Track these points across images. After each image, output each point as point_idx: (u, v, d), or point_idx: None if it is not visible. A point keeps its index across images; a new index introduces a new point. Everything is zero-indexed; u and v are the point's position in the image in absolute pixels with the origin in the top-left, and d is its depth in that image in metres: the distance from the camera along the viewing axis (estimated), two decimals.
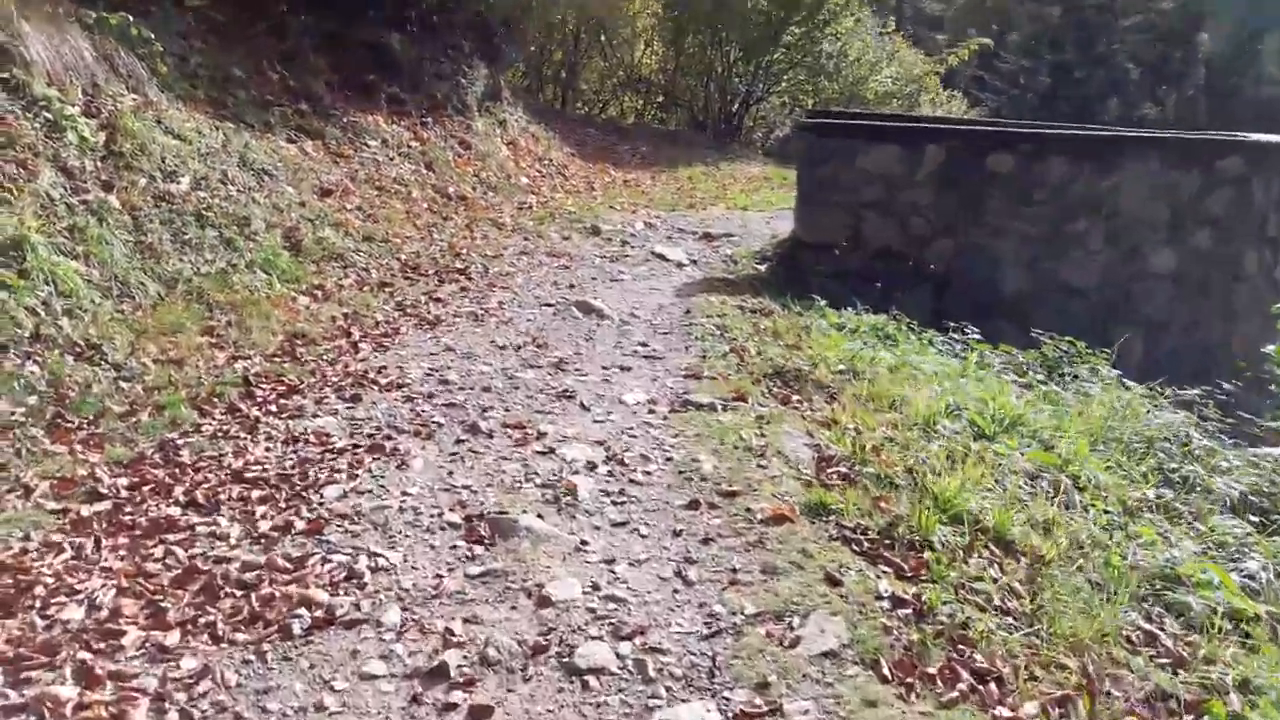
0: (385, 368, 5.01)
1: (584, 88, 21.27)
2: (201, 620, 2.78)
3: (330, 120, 9.39)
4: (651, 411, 4.53)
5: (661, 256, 8.33)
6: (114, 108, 6.36)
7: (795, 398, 4.77)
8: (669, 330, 6.05)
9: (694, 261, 8.31)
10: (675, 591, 3.03)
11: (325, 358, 5.11)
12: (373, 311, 6.06)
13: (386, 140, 9.81)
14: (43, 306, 4.58)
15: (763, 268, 8.35)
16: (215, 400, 4.33)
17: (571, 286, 7.15)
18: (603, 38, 19.71)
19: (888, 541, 3.37)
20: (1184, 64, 33.72)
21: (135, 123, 6.36)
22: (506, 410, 4.48)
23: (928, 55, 20.71)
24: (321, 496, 3.52)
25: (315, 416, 4.26)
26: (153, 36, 7.28)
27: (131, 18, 7.13)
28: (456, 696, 2.52)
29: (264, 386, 4.57)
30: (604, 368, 5.23)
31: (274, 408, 4.30)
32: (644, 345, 5.68)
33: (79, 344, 4.48)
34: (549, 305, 6.54)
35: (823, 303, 6.72)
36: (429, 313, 6.18)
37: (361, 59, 10.75)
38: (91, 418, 3.99)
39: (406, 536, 3.30)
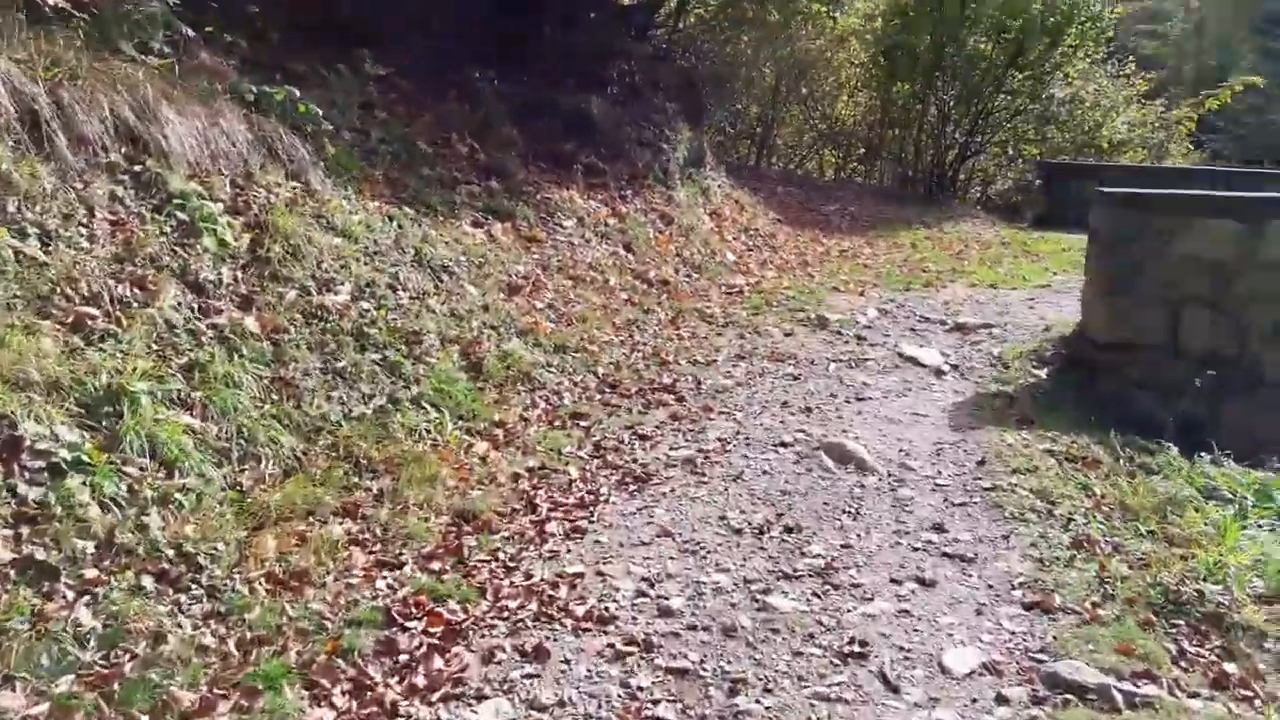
0: (581, 578, 3.41)
1: (778, 141, 19.64)
2: None
3: (521, 198, 8.08)
4: (1002, 701, 2.73)
5: (913, 360, 6.49)
6: (267, 200, 5.13)
7: (1230, 670, 2.86)
8: (965, 497, 4.23)
9: (954, 367, 6.42)
10: None
11: (501, 556, 3.57)
12: (564, 462, 4.52)
13: (582, 218, 8.41)
14: (127, 493, 3.24)
15: (1043, 373, 6.37)
16: (339, 663, 2.82)
17: (808, 411, 5.43)
18: (804, 89, 18.04)
19: None
20: None
21: (290, 219, 5.11)
22: (767, 691, 2.77)
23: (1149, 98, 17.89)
24: None
25: (480, 699, 2.68)
26: (319, 112, 6.10)
27: (298, 92, 5.97)
28: None
29: (412, 626, 3.04)
30: (893, 580, 3.46)
31: (421, 678, 2.76)
32: (939, 530, 3.89)
33: (166, 553, 3.10)
34: (786, 445, 4.84)
35: (1172, 450, 4.71)
36: (635, 460, 4.60)
37: (557, 127, 9.48)
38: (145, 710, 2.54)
39: None
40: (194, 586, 3.02)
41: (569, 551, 3.63)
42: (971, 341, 7.01)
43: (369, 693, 2.69)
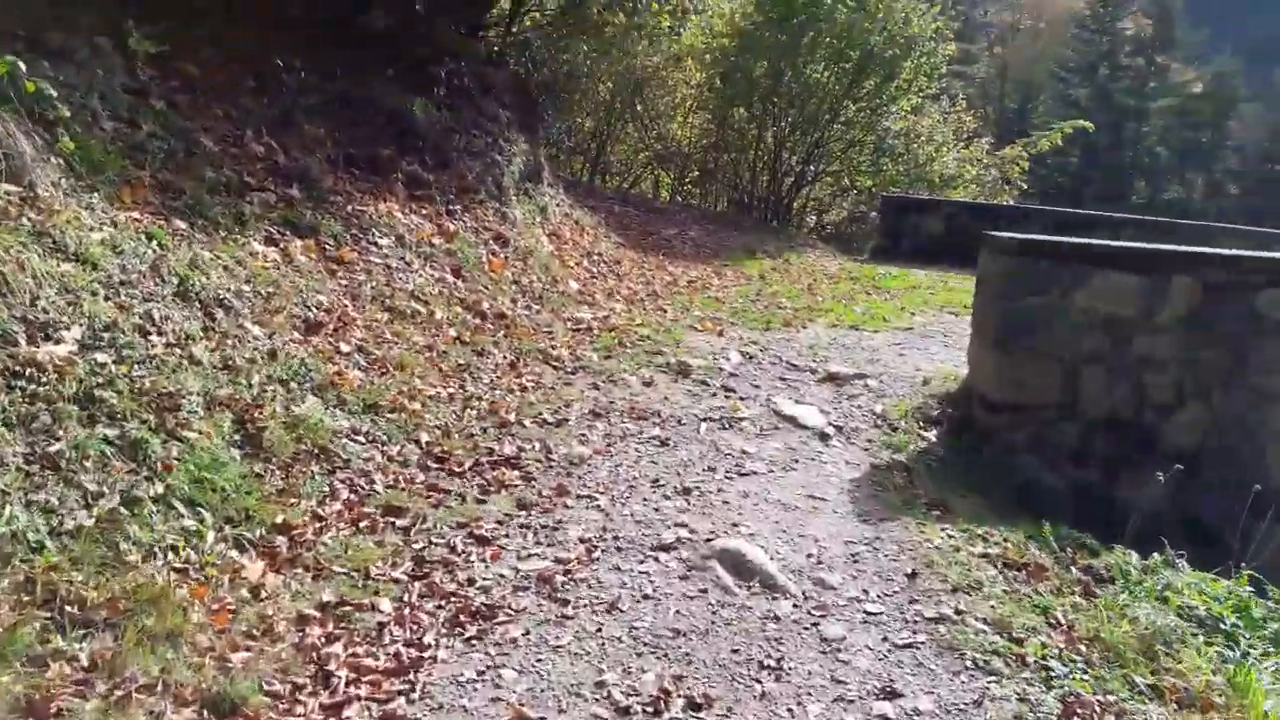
0: None
1: (612, 159, 18.69)
2: None
3: (328, 210, 6.66)
4: None
5: (792, 420, 5.52)
6: None
7: None
8: (909, 634, 3.22)
9: (838, 429, 5.49)
10: None
11: None
12: (373, 591, 3.21)
13: (402, 236, 7.04)
14: None
15: (932, 436, 5.55)
16: None
17: (687, 493, 4.33)
18: (639, 107, 17.14)
19: None
20: (1213, 148, 31.40)
21: None
22: None
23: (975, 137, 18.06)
24: None
25: None
26: (54, 94, 4.53)
27: (22, 64, 4.37)
28: None
29: None
30: None
31: None
32: (891, 695, 2.86)
33: None
34: (667, 549, 3.72)
35: (1130, 557, 3.91)
36: (472, 582, 3.35)
37: (375, 128, 8.08)
38: None
39: None
40: None
41: None
42: (848, 395, 6.12)
43: None
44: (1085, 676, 2.94)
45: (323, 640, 2.88)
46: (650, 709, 2.68)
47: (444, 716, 2.58)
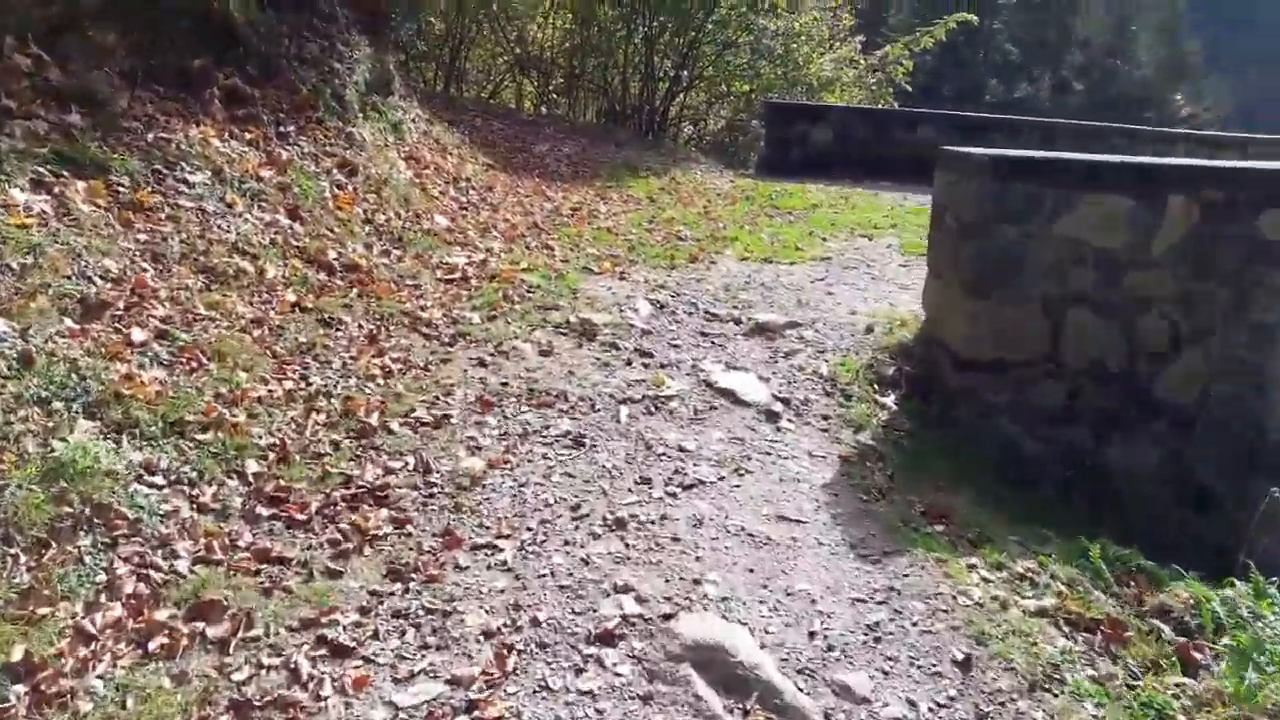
0: None
1: (468, 66, 16.80)
2: None
3: (122, 140, 5.08)
4: None
5: (730, 395, 4.39)
6: None
7: None
8: None
9: (784, 401, 4.40)
10: None
11: None
12: None
13: (221, 170, 5.46)
14: None
15: (892, 401, 4.55)
16: None
17: (621, 526, 3.18)
18: (495, 6, 15.27)
19: None
20: (1060, 44, 31.44)
21: None
22: None
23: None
24: None
25: None
26: None
27: None
28: None
29: None
30: None
31: None
32: None
33: None
34: (610, 643, 2.56)
35: (1214, 603, 2.93)
36: None
37: (182, 33, 6.34)
38: None
39: None
40: None
41: None
42: (784, 353, 5.02)
43: None
44: None
45: None
46: None
47: None
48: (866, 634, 2.66)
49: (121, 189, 4.82)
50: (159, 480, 3.05)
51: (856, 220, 8.48)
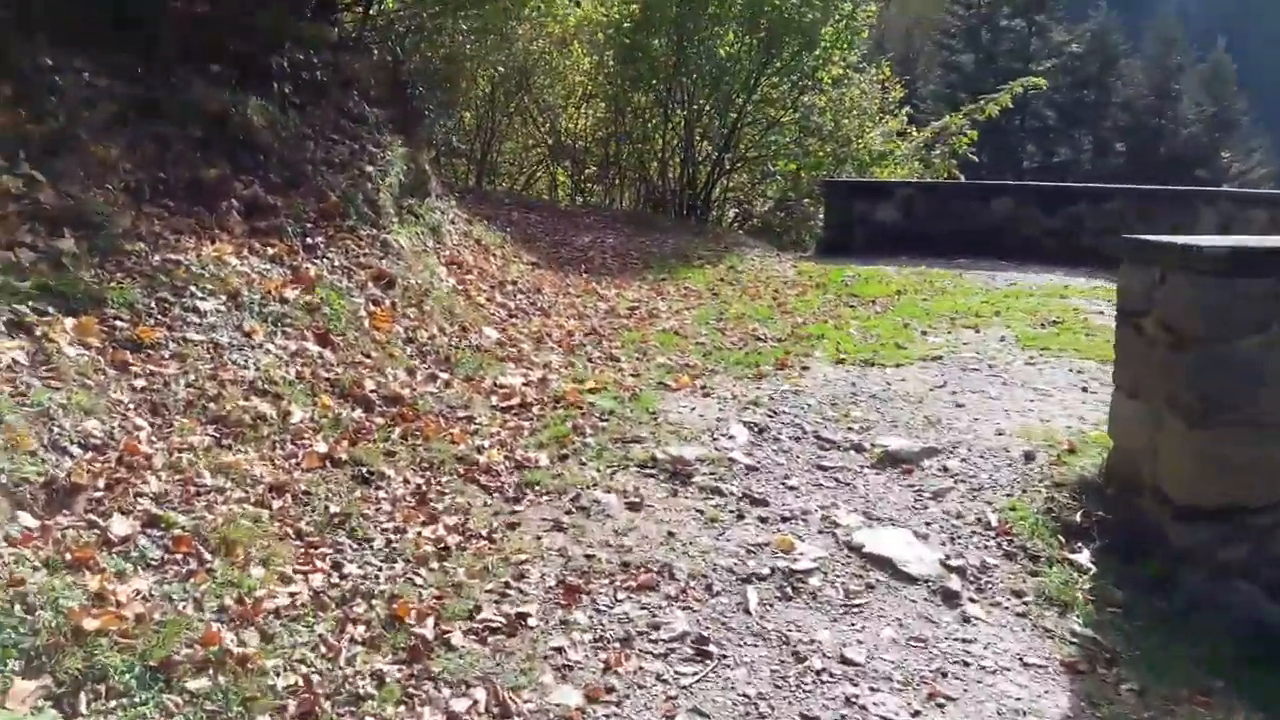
0: None
1: (498, 158, 16.26)
2: None
3: (122, 265, 4.34)
4: None
5: (886, 566, 3.40)
6: None
7: None
8: None
9: (958, 571, 3.40)
10: None
11: None
12: None
13: (238, 293, 4.66)
14: None
15: (1086, 558, 3.52)
16: None
17: None
18: (525, 98, 14.77)
19: None
20: (1098, 105, 30.78)
21: None
22: None
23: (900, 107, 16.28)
24: None
25: None
26: None
27: None
28: None
29: None
30: None
31: None
32: None
33: None
34: None
35: None
36: None
37: (195, 142, 5.69)
38: None
39: None
40: None
41: None
42: (931, 494, 4.03)
43: None
44: None
45: None
46: None
47: None
48: None
49: (119, 324, 4.02)
50: None
51: (952, 308, 7.53)
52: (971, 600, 3.23)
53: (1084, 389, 5.40)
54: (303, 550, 3.12)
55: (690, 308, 7.69)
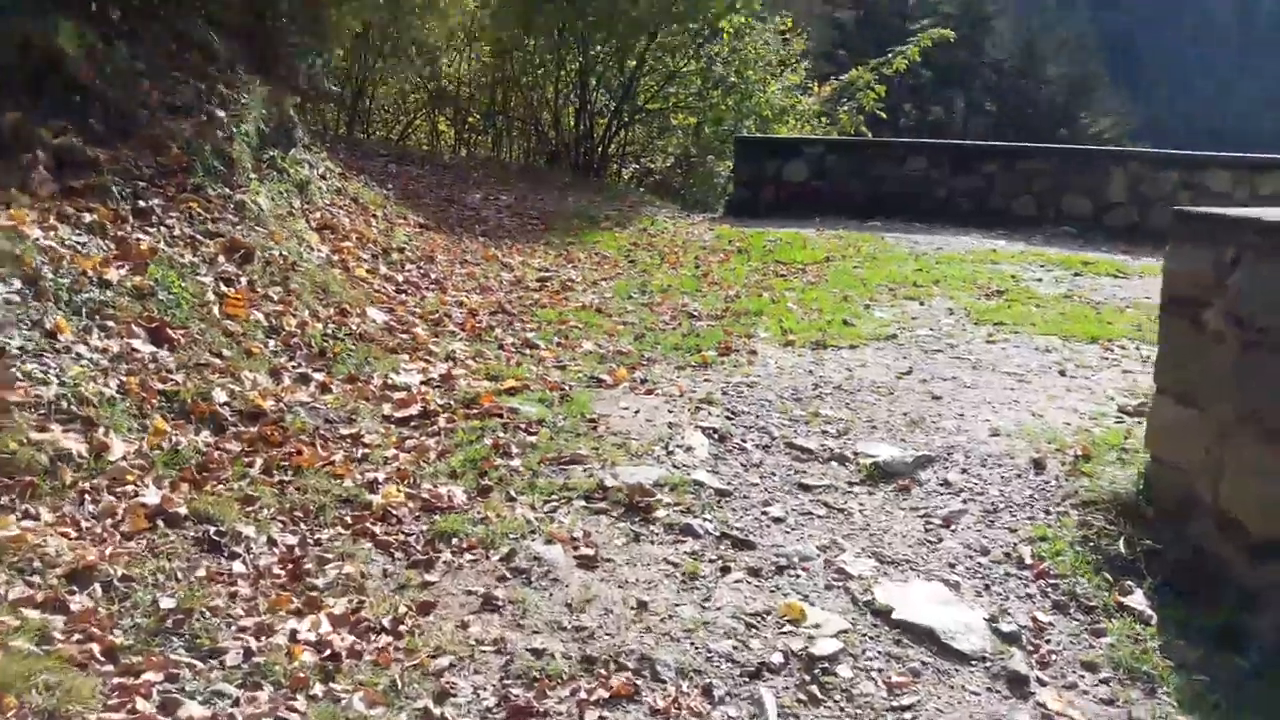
0: None
1: (371, 103, 14.72)
2: None
3: None
4: None
5: (925, 637, 2.57)
6: None
7: None
8: None
9: (1008, 637, 2.59)
10: None
11: None
12: None
13: (39, 277, 3.46)
14: None
15: (1143, 603, 2.78)
16: None
17: None
18: (401, 37, 13.27)
19: None
20: (970, 66, 30.92)
21: None
22: None
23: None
24: None
25: None
26: None
27: None
28: None
29: None
30: None
31: None
32: None
33: None
34: None
35: None
36: None
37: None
38: None
39: None
40: None
41: None
42: (940, 519, 3.24)
43: None
44: None
45: None
46: None
47: None
48: None
49: None
50: None
51: (888, 277, 6.79)
52: (1041, 682, 2.44)
53: (1061, 372, 4.73)
54: (114, 685, 2.05)
55: (607, 278, 6.72)
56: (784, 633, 2.55)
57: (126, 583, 2.38)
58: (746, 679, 2.36)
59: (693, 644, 2.47)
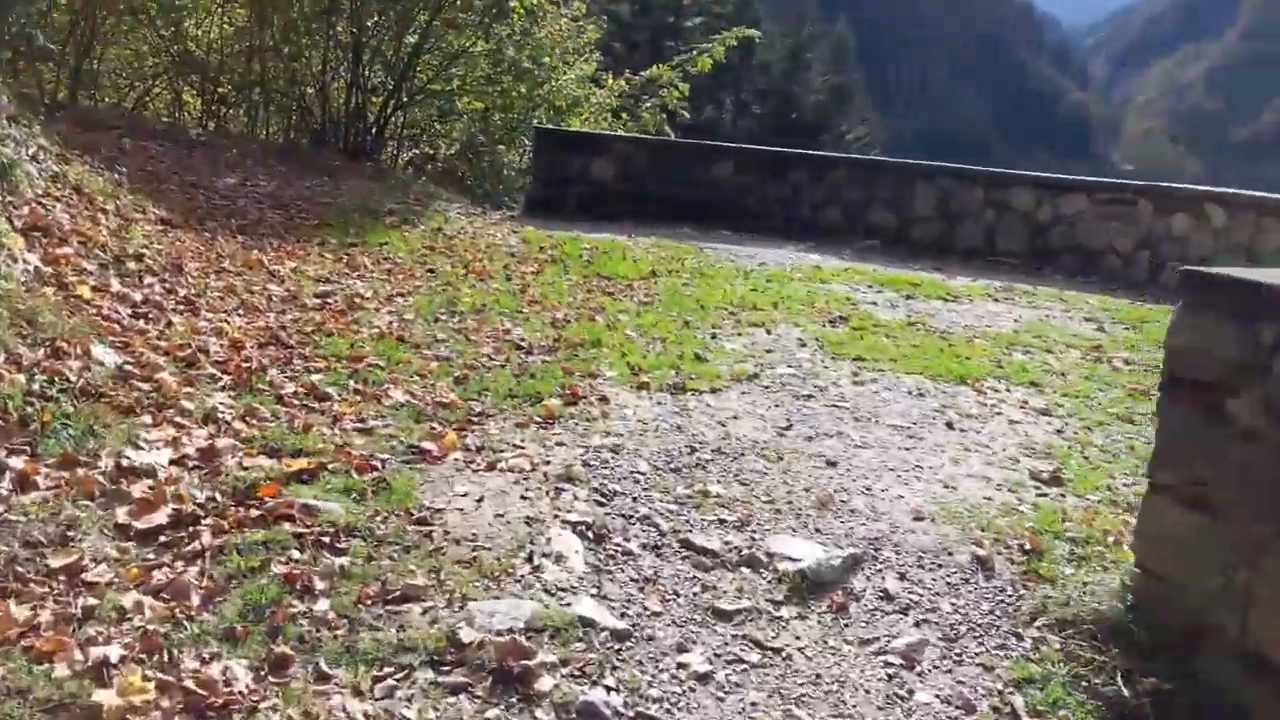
0: None
1: (96, 66, 12.38)
2: None
3: None
4: None
5: None
6: None
7: None
8: None
9: None
10: None
11: None
12: None
13: None
14: None
15: None
16: None
17: None
18: None
19: None
20: (741, 69, 31.47)
21: None
22: None
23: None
24: None
25: None
26: None
27: None
28: None
29: None
30: None
31: None
32: None
33: None
34: None
35: None
36: None
37: None
38: None
39: None
40: None
41: None
42: (902, 657, 2.51)
43: None
44: None
45: None
46: None
47: None
48: None
49: None
50: None
51: (724, 298, 6.11)
52: None
53: (949, 424, 4.20)
54: None
55: (403, 292, 5.56)
56: None
57: None
58: None
59: None
